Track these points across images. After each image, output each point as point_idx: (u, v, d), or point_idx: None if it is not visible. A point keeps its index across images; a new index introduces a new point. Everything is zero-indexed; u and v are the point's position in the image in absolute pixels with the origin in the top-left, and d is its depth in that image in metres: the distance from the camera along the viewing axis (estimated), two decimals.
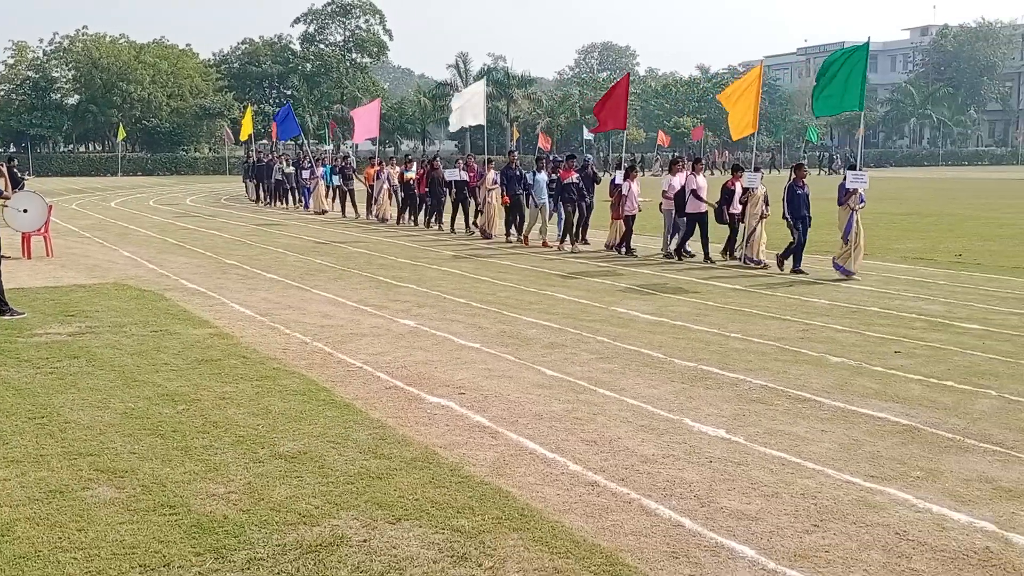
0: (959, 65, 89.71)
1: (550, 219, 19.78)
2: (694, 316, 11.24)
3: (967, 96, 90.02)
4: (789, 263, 15.37)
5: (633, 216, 18.15)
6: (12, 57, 71.34)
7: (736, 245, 16.67)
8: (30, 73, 70.46)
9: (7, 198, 15.11)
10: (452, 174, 22.68)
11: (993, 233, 21.66)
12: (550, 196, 19.29)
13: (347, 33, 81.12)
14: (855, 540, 4.85)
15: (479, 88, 23.90)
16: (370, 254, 17.94)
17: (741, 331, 10.27)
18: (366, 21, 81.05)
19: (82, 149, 75.47)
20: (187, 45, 77.02)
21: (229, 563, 4.52)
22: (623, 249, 18.03)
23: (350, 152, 50.92)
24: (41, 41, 74.17)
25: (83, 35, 70.74)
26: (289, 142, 55.62)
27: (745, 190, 16.22)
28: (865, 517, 5.13)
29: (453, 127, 24.56)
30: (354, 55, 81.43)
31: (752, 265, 15.91)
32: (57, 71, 71.10)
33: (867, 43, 15.05)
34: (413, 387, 7.79)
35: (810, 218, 15.43)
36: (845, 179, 14.73)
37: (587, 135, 63.77)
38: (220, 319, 10.87)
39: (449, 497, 5.35)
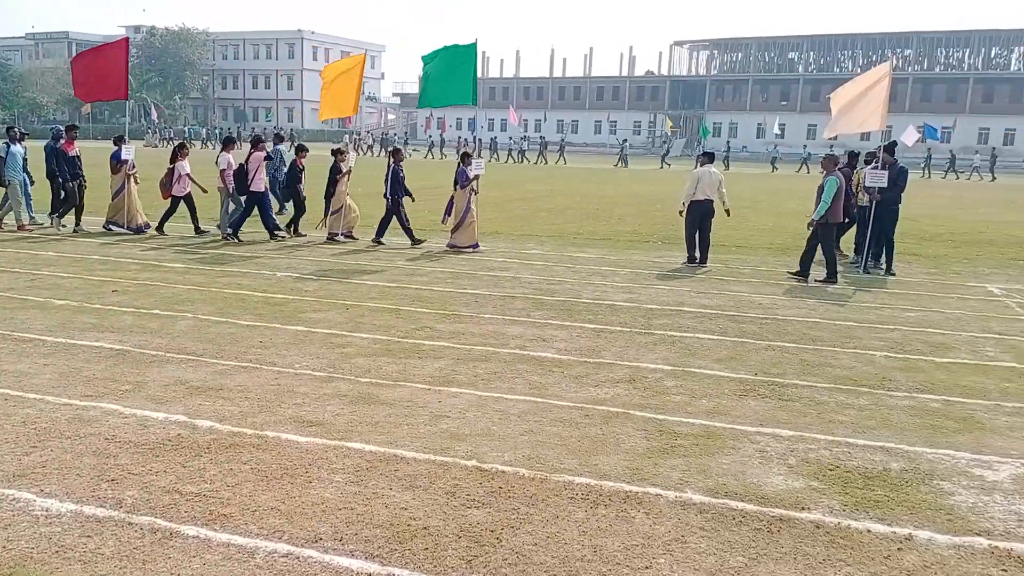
0: (167, 60, 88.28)
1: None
2: None
3: (174, 85, 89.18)
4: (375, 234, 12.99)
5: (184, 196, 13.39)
6: None
7: (321, 222, 13.29)
8: None
9: None
10: None
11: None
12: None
13: None
14: (70, 452, 4.54)
15: None
16: None
17: None
18: None
19: None
20: None
21: None
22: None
23: None
24: None
25: None
26: None
27: (341, 169, 12.93)
28: (80, 431, 4.84)
29: None
30: None
31: (344, 240, 13.03)
32: None
33: (475, 43, 12.50)
34: None
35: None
36: (468, 165, 12.29)
37: None
38: None
39: None
